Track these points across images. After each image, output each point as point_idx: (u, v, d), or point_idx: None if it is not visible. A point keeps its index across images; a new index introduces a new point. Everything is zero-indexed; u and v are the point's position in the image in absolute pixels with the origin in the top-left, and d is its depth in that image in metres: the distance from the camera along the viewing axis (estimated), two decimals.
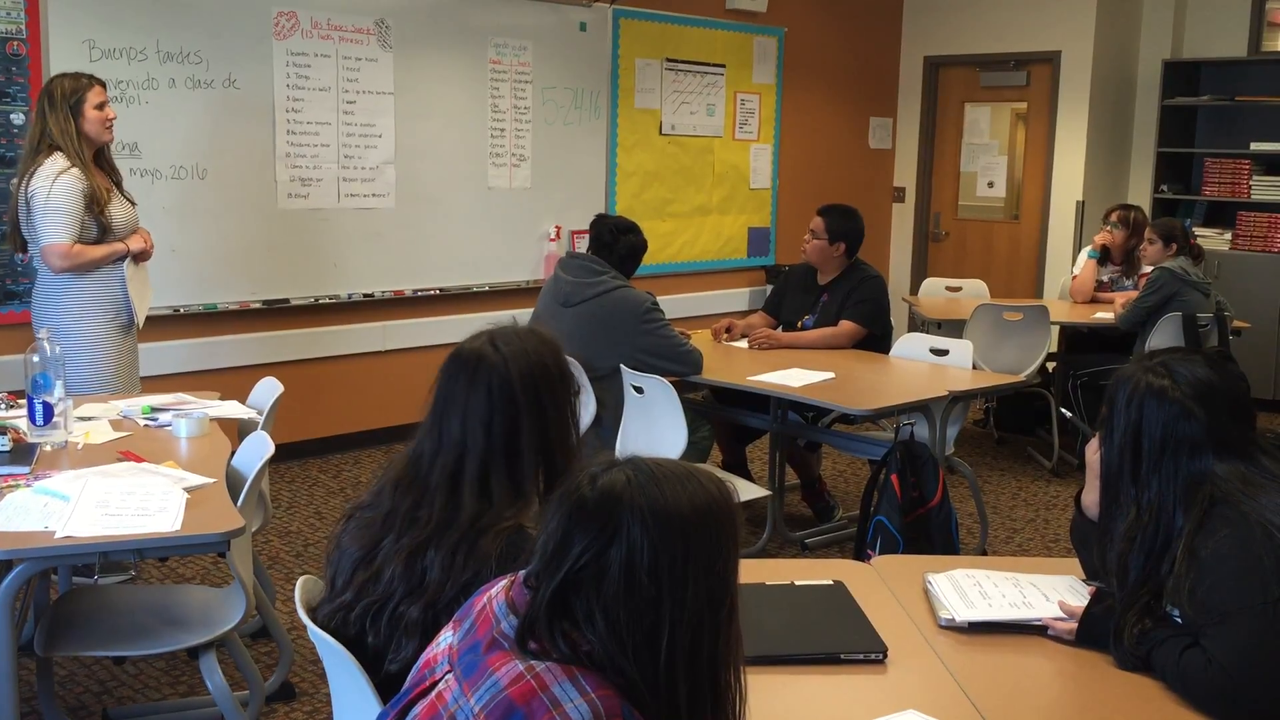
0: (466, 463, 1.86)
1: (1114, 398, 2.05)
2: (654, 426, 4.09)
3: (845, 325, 4.85)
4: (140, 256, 4.16)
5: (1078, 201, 7.88)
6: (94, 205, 3.96)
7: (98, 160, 4.09)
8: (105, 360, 4.06)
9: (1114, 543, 2.01)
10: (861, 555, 3.85)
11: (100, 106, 4.01)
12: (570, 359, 2.02)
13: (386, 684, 1.71)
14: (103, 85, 4.06)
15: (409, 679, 1.53)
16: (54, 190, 3.87)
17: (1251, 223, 7.48)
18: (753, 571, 1.49)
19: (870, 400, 4.04)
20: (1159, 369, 2.02)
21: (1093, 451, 2.12)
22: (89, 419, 3.35)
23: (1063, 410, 5.82)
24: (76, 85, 3.99)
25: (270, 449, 2.94)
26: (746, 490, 4.30)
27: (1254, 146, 7.46)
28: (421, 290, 6.11)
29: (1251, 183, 7.49)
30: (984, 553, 4.64)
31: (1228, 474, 1.92)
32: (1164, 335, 5.55)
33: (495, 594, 1.48)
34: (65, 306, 4.00)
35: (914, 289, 7.94)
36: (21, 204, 3.94)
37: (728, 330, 5.04)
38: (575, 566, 1.37)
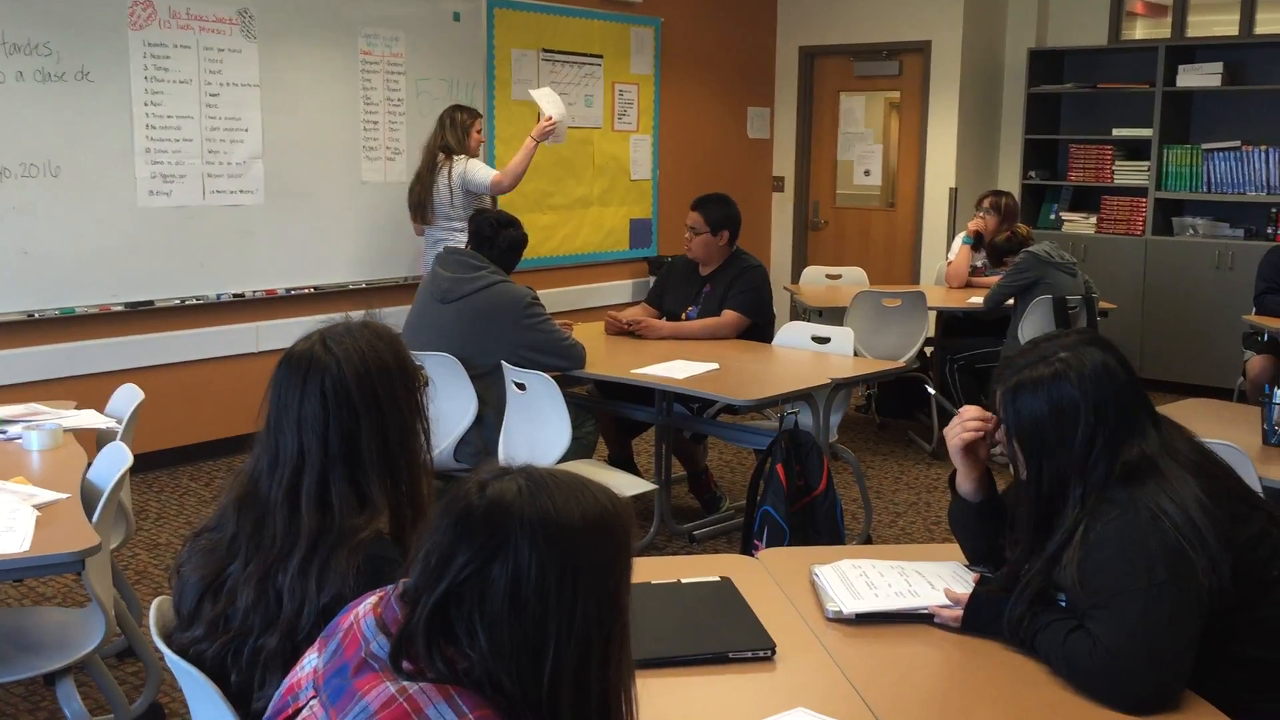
0: (304, 475, 1.74)
1: (1049, 388, 1.98)
2: (537, 423, 4.02)
3: (728, 315, 4.84)
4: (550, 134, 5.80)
5: (950, 188, 8.04)
6: None
7: None
8: None
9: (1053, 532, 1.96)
10: (749, 546, 3.84)
11: (480, 132, 5.77)
12: (414, 352, 1.91)
13: None
14: (482, 117, 5.83)
15: (271, 706, 1.44)
16: (471, 166, 5.63)
17: (1115, 206, 7.72)
18: (639, 570, 1.42)
19: (754, 390, 4.03)
20: (1059, 358, 2.01)
21: (1000, 449, 2.09)
22: None
23: (921, 417, 5.94)
24: (470, 116, 5.73)
25: (128, 460, 2.79)
26: (633, 485, 4.25)
27: (1116, 132, 7.69)
28: (296, 289, 5.92)
29: (1114, 167, 7.72)
30: (869, 539, 4.68)
31: (1132, 456, 1.91)
32: (1035, 318, 5.68)
33: (363, 612, 1.40)
34: None
35: (795, 277, 8.01)
36: (444, 186, 5.60)
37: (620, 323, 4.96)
38: (457, 580, 1.28)
